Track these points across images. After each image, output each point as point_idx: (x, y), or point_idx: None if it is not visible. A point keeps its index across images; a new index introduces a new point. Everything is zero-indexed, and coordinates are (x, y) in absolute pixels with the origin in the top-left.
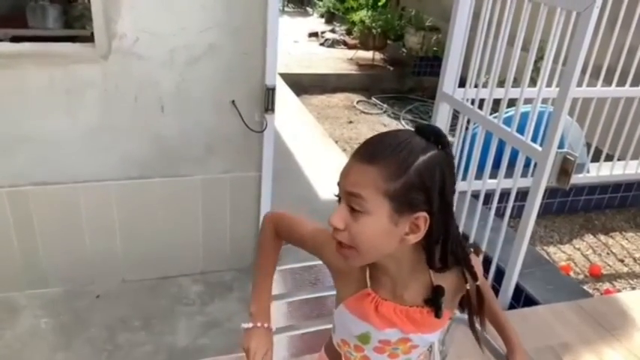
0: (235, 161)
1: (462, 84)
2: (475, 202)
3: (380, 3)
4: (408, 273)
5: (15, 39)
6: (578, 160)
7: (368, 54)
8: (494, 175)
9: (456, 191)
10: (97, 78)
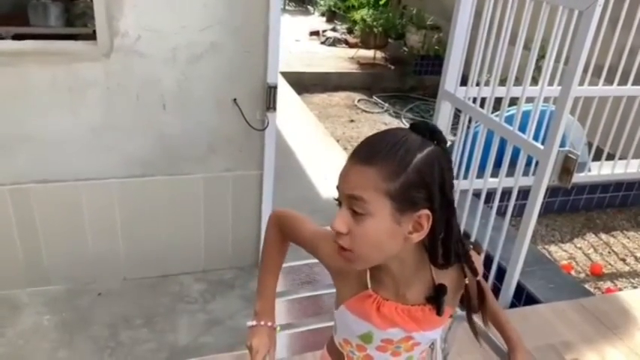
0: (237, 159)
1: (463, 82)
2: (476, 201)
3: (381, 2)
4: (410, 272)
5: (17, 37)
6: (579, 159)
7: (369, 53)
8: (495, 174)
9: (456, 188)
10: (99, 76)
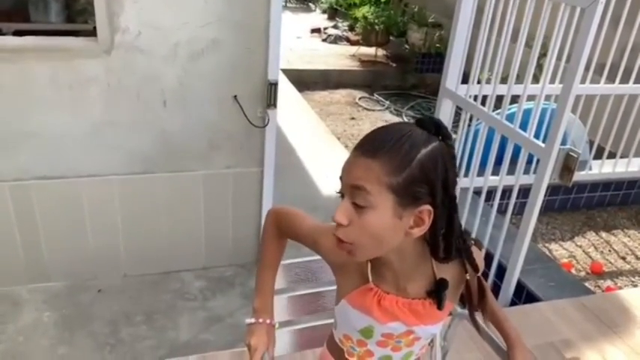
0: (237, 156)
1: (464, 80)
2: (477, 199)
3: None
4: (411, 266)
5: (17, 33)
6: (580, 158)
7: (370, 50)
8: (496, 172)
9: (458, 186)
10: (100, 73)
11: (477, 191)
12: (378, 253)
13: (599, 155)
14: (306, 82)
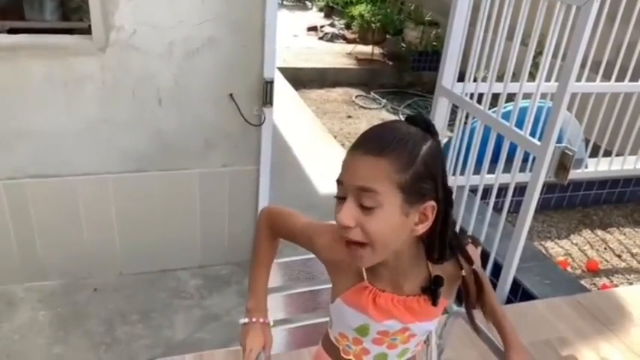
0: (233, 155)
1: (460, 78)
2: (473, 197)
3: None
4: (406, 265)
5: (12, 31)
6: (576, 155)
7: (367, 48)
8: (492, 170)
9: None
10: (95, 71)
11: (473, 189)
12: (385, 254)
13: (595, 153)
14: (303, 80)
